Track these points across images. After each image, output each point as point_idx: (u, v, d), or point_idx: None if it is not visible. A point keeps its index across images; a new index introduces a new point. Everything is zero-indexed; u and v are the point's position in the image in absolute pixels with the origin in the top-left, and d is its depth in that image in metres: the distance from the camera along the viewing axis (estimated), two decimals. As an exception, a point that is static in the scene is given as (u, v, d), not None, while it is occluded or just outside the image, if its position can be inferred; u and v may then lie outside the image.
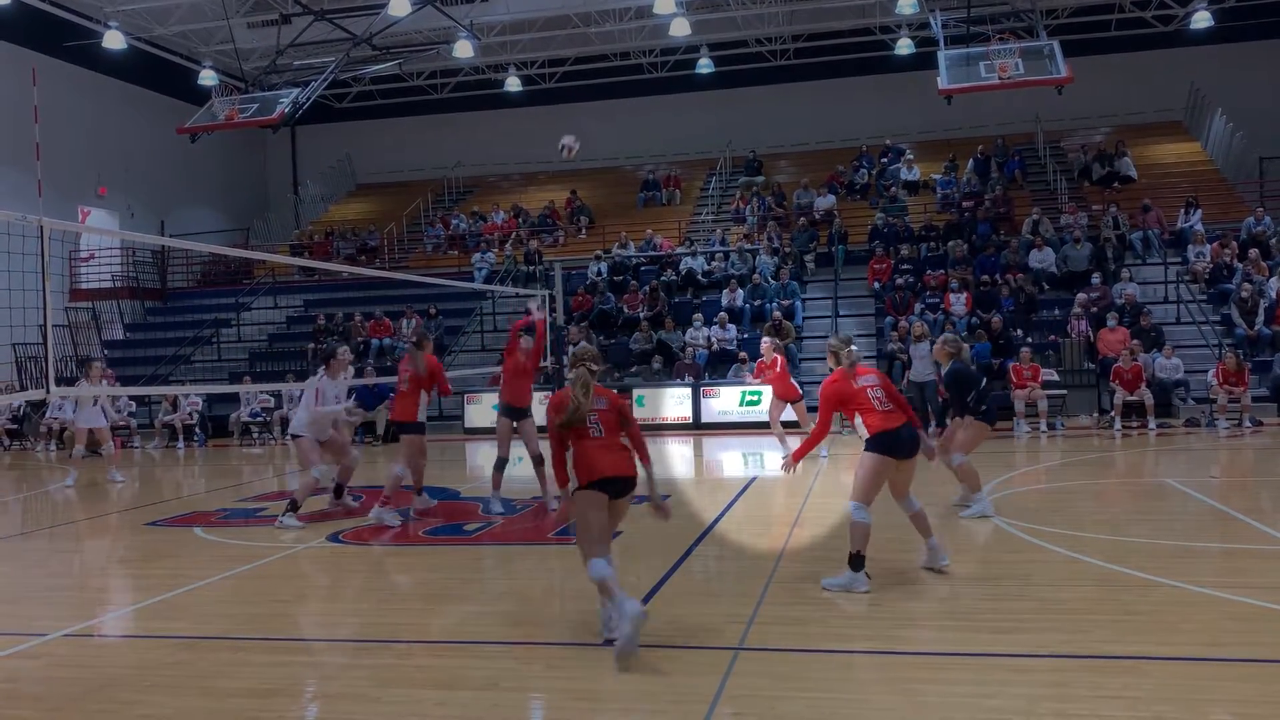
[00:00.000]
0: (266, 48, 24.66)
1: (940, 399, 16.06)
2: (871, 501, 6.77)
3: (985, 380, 9.67)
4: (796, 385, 14.41)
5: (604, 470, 5.68)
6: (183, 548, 9.30)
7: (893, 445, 6.74)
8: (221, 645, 6.04)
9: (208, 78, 25.94)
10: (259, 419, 20.42)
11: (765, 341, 14.56)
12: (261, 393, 20.24)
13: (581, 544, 5.73)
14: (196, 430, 20.45)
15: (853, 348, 7.07)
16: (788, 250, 23.49)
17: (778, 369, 14.00)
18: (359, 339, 22.74)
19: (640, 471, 5.84)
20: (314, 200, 33.15)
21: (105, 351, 25.06)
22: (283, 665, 5.70)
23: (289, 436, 11.79)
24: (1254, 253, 19.99)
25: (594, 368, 5.94)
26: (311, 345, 22.97)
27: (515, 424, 10.33)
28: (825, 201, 25.96)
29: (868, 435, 6.84)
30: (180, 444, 19.95)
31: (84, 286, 26.81)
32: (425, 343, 10.24)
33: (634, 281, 23.01)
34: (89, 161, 26.31)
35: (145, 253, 28.25)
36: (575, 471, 5.80)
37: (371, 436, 19.14)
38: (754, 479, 11.85)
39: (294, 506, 9.90)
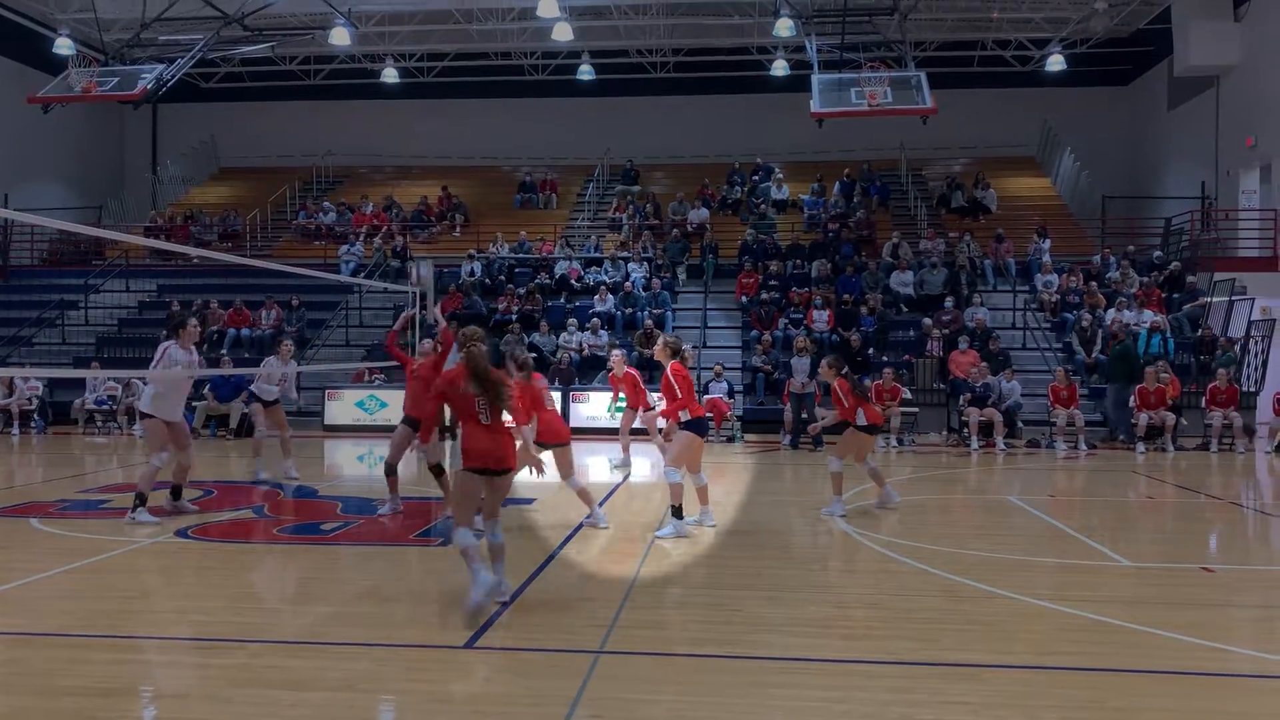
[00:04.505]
0: (130, 19, 23.55)
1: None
2: (682, 468, 8.84)
3: None
4: (649, 396, 13.81)
5: (485, 462, 6.26)
6: (16, 539, 8.82)
7: (701, 427, 8.96)
8: (59, 642, 5.76)
9: (64, 46, 24.60)
10: (105, 406, 19.47)
11: (615, 354, 14.17)
12: (108, 379, 19.32)
13: (456, 513, 6.38)
14: (35, 416, 19.37)
15: (687, 349, 9.30)
16: (661, 261, 23.76)
17: (633, 379, 13.68)
18: (214, 328, 21.94)
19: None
20: (174, 181, 31.82)
21: (-65, 329, 23.51)
22: (126, 663, 5.48)
23: (139, 415, 10.89)
24: (1091, 285, 21.30)
25: (482, 347, 6.38)
26: (164, 332, 22.03)
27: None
28: (699, 214, 26.37)
29: (688, 418, 8.78)
30: (15, 430, 18.86)
31: (-87, 259, 25.11)
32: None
33: (510, 285, 22.91)
34: (-75, 125, 24.69)
35: (-15, 226, 26.65)
36: (462, 451, 6.31)
37: (225, 429, 18.49)
38: (619, 485, 11.93)
39: (141, 500, 9.46)
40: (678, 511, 8.81)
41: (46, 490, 11.82)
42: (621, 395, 13.82)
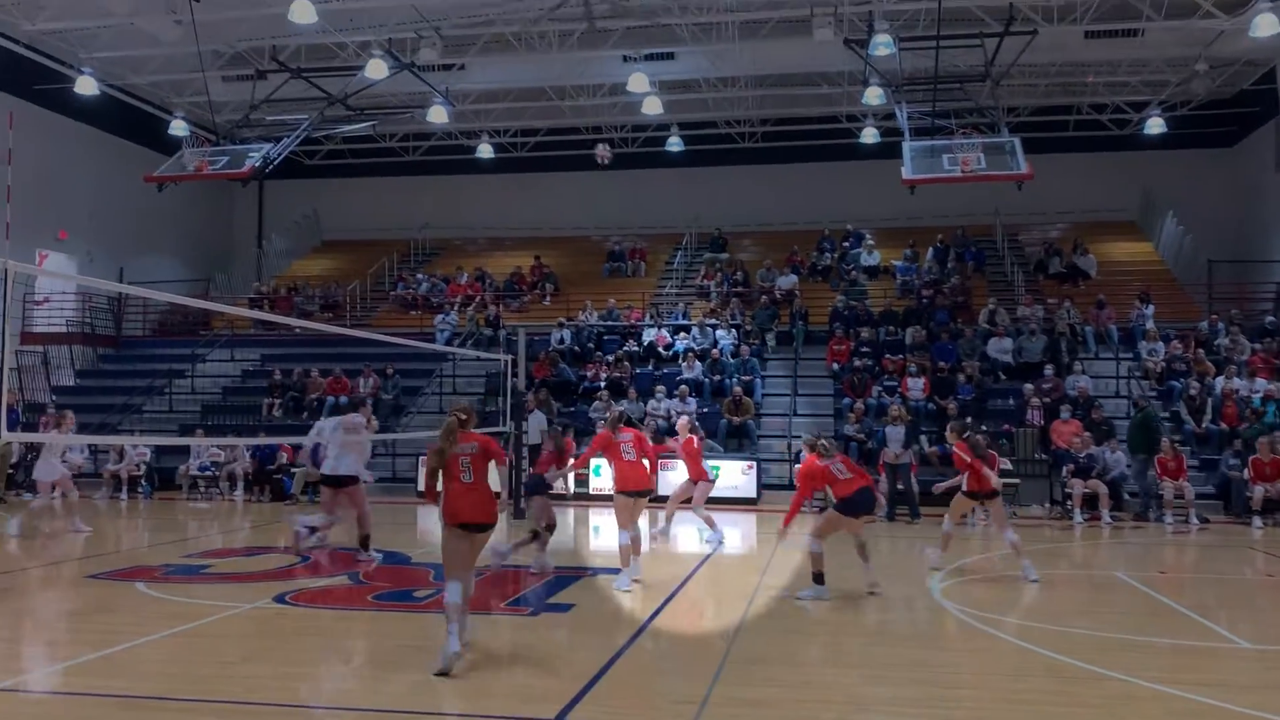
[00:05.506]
0: (240, 101, 24.70)
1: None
2: (824, 539, 9.28)
3: None
4: (708, 469, 13.89)
5: (469, 518, 6.91)
6: (123, 602, 9.07)
7: (848, 506, 9.26)
8: (162, 705, 5.88)
9: (179, 128, 25.85)
10: (208, 473, 20.05)
11: (683, 419, 14.49)
12: (212, 446, 19.91)
13: (447, 569, 6.98)
14: (142, 481, 20.03)
15: (823, 442, 9.61)
16: (749, 328, 23.72)
17: (694, 446, 13.68)
18: (314, 395, 22.53)
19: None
20: (278, 254, 33.02)
21: (54, 397, 24.57)
22: (224, 730, 5.55)
23: (332, 478, 11.28)
24: (1199, 351, 20.56)
25: (462, 417, 7.13)
26: (267, 400, 22.70)
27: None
28: (787, 281, 26.31)
29: (835, 500, 9.36)
30: (124, 495, 19.52)
31: (36, 330, 26.37)
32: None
33: (599, 352, 23.12)
34: (51, 204, 26.03)
35: (101, 298, 27.92)
36: (443, 510, 6.95)
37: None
38: (710, 555, 11.80)
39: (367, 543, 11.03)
40: (818, 578, 9.16)
41: (152, 555, 12.17)
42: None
